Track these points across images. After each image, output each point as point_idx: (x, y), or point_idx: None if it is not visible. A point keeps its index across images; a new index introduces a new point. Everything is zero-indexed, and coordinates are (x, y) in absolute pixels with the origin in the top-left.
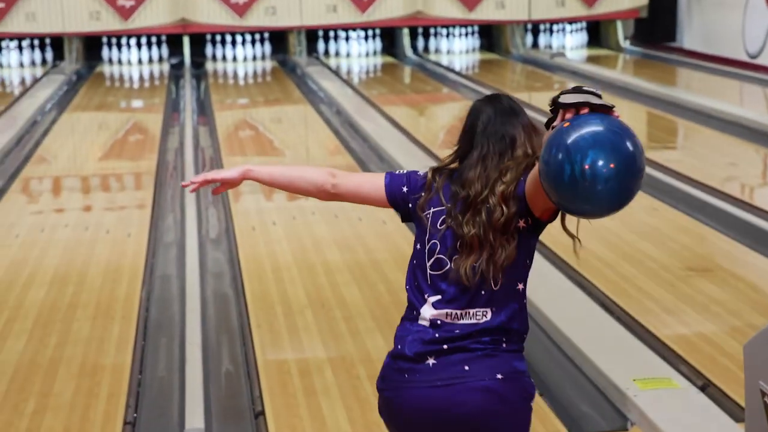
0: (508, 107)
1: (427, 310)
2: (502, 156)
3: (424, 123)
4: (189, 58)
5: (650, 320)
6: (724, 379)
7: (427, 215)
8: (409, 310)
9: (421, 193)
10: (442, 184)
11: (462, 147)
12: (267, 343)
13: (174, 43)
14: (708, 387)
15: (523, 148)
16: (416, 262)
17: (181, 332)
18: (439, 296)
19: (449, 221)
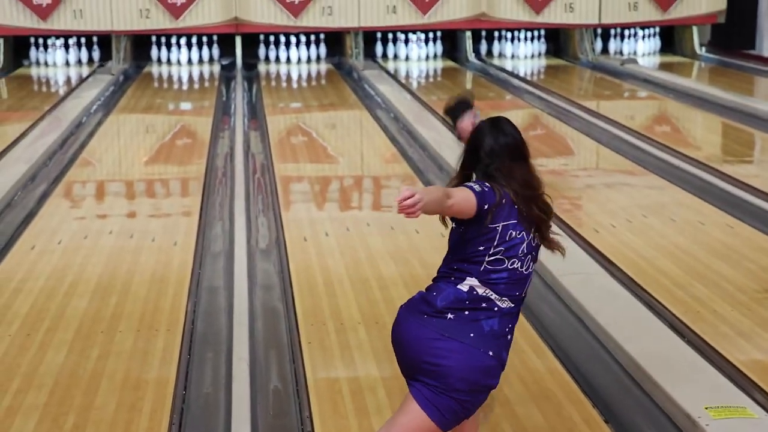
0: (508, 130)
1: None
2: (513, 169)
3: None
4: (241, 60)
5: (724, 345)
6: None
7: (497, 227)
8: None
9: (493, 208)
10: (505, 201)
11: (467, 166)
12: (317, 360)
13: (226, 43)
14: None
15: (530, 172)
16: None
17: (228, 347)
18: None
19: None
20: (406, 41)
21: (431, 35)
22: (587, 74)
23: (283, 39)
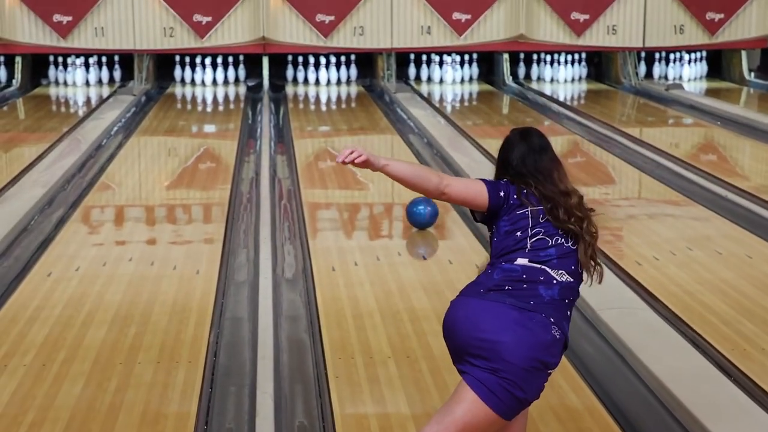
0: (539, 143)
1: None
2: (548, 182)
3: None
4: (268, 81)
5: None
6: None
7: (526, 211)
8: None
9: (512, 200)
10: (529, 191)
11: (500, 175)
12: (345, 395)
13: (252, 63)
14: None
15: (560, 182)
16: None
17: (251, 380)
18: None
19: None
20: (441, 63)
21: (467, 57)
22: (630, 100)
23: (312, 60)
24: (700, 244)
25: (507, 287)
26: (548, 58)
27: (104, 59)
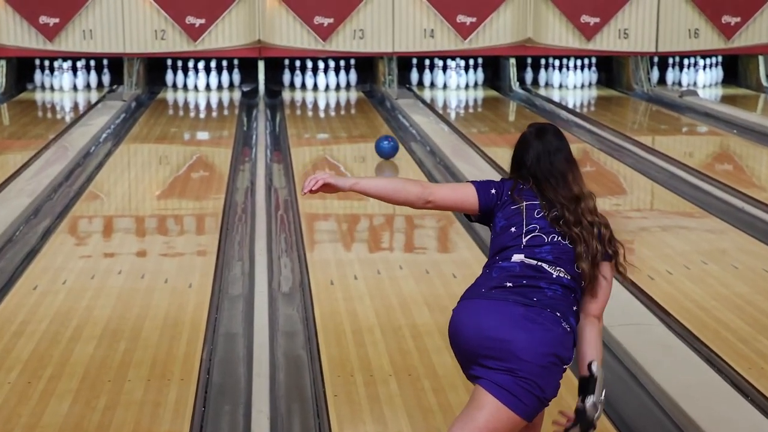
0: (555, 144)
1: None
2: (559, 185)
3: None
4: (264, 86)
5: None
6: None
7: (520, 206)
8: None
9: (506, 197)
10: (526, 187)
11: (515, 176)
12: (344, 415)
13: (247, 67)
14: None
15: (575, 184)
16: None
17: (246, 399)
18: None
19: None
20: (445, 68)
21: (472, 62)
22: (642, 106)
23: (310, 64)
24: (716, 257)
25: (508, 284)
26: (557, 63)
27: (93, 63)
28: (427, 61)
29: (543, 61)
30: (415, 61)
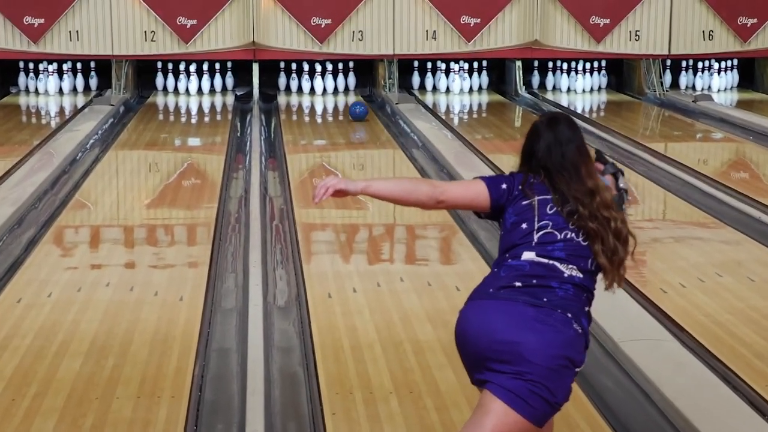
0: (567, 135)
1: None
2: (572, 179)
3: None
4: (258, 90)
5: None
6: None
7: (532, 201)
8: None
9: (516, 191)
10: (538, 181)
11: (525, 168)
12: None
13: (241, 70)
14: None
15: (589, 178)
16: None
17: (240, 417)
18: None
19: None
20: (448, 71)
21: (476, 65)
22: (654, 112)
23: (306, 67)
24: (731, 269)
25: (517, 284)
26: (565, 66)
27: (79, 66)
28: (429, 64)
29: (550, 64)
30: (416, 63)
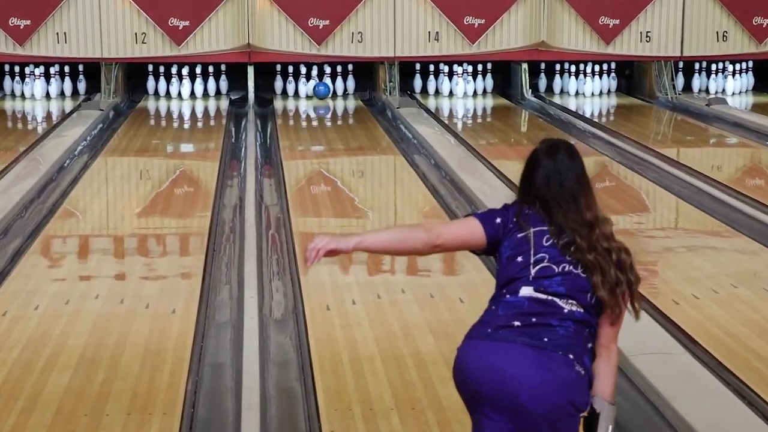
0: (566, 164)
1: None
2: (571, 210)
3: None
4: (253, 94)
5: None
6: None
7: (528, 234)
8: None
9: (511, 224)
10: (533, 212)
11: (523, 197)
12: None
13: (236, 74)
14: None
15: (588, 209)
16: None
17: None
18: None
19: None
20: (451, 74)
21: (480, 67)
22: (666, 116)
23: (303, 70)
24: (746, 280)
25: (516, 323)
26: (573, 68)
27: (67, 69)
28: (431, 67)
29: (558, 67)
30: (418, 66)
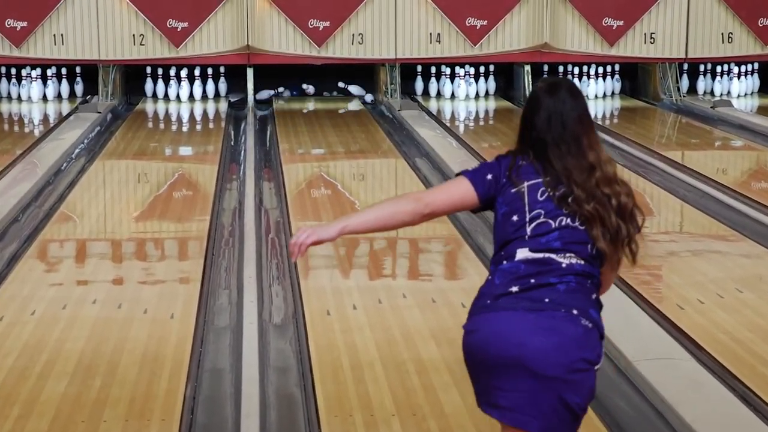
0: (569, 102)
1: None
2: (569, 156)
3: None
4: (253, 96)
5: None
6: None
7: (521, 188)
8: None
9: (504, 178)
10: (527, 163)
11: (523, 141)
12: None
13: (235, 76)
14: None
15: (590, 149)
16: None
17: None
18: None
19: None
20: (453, 76)
21: (482, 69)
22: (670, 118)
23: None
24: (752, 285)
25: (513, 289)
26: (576, 70)
27: (64, 71)
28: (433, 69)
29: (561, 69)
30: (419, 68)
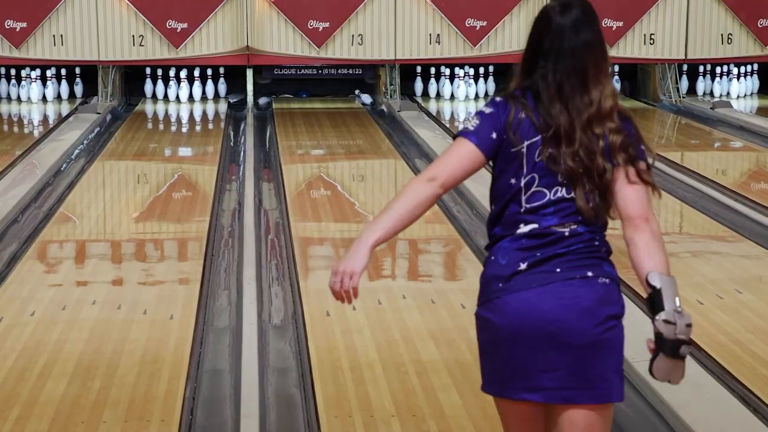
0: (583, 22)
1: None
2: (575, 89)
3: None
4: (252, 97)
5: None
6: None
7: (521, 148)
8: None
9: (505, 134)
10: (525, 116)
11: (528, 64)
12: None
13: (235, 76)
14: None
15: (596, 87)
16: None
17: None
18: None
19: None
20: (452, 77)
21: (482, 70)
22: (670, 119)
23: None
24: (752, 286)
25: (522, 266)
26: None
27: (64, 72)
28: (432, 70)
29: None
30: (419, 69)
